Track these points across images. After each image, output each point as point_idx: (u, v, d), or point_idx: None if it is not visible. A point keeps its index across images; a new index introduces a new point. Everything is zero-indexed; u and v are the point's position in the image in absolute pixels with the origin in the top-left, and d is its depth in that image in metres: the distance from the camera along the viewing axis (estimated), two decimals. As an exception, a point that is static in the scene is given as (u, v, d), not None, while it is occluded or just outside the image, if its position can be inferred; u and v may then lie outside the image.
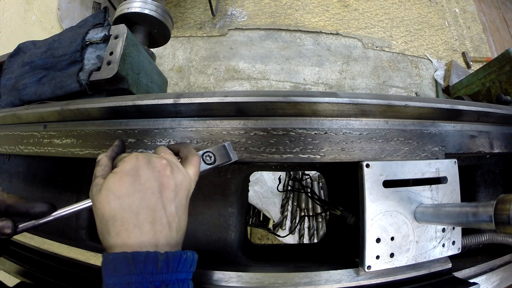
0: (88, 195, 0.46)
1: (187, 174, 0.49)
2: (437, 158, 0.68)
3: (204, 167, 0.56)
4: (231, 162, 0.58)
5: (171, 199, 0.45)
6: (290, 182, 1.88)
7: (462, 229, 0.68)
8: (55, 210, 0.47)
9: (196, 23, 3.10)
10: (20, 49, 0.98)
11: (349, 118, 0.65)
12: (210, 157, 0.56)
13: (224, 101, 0.61)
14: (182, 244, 0.46)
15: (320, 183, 1.94)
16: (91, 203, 0.46)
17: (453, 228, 0.66)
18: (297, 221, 1.84)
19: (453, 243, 0.66)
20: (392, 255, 0.61)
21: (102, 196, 0.43)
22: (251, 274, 0.63)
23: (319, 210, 1.86)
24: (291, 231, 1.81)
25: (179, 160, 0.53)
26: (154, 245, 0.41)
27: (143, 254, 0.39)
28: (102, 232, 0.42)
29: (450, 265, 0.68)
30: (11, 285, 0.74)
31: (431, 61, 3.03)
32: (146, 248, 0.40)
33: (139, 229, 0.41)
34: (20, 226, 0.45)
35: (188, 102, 0.61)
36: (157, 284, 0.39)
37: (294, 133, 0.63)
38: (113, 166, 0.48)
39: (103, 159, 0.49)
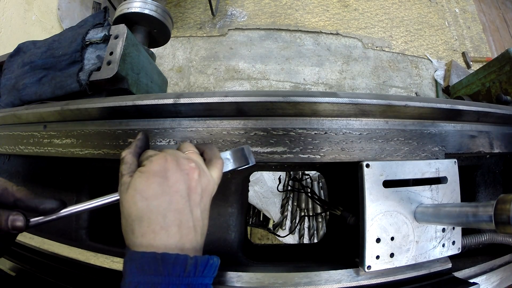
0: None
1: (212, 178, 0.48)
2: (437, 158, 0.68)
3: (224, 169, 0.54)
4: (248, 165, 0.57)
5: (197, 202, 0.44)
6: (290, 182, 1.88)
7: (462, 229, 0.68)
8: (65, 207, 0.46)
9: (196, 23, 3.10)
10: (20, 49, 0.98)
11: (349, 118, 0.65)
12: (229, 160, 0.56)
13: (224, 101, 0.61)
14: None
15: (320, 183, 1.93)
16: (106, 202, 0.47)
17: (453, 228, 0.66)
18: (297, 221, 1.84)
19: (453, 243, 0.66)
20: (392, 255, 0.61)
21: (129, 195, 0.42)
22: (251, 274, 0.63)
23: (319, 210, 1.86)
24: (291, 231, 1.81)
25: (203, 161, 0.51)
26: (180, 249, 0.41)
27: (173, 256, 0.39)
28: (126, 230, 0.42)
29: (450, 265, 0.68)
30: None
31: (431, 61, 3.03)
32: (172, 251, 0.40)
33: (166, 231, 0.40)
34: (32, 220, 0.45)
35: (188, 102, 0.61)
36: (183, 287, 0.38)
37: (294, 133, 0.63)
38: (139, 163, 0.47)
39: (128, 156, 0.47)
